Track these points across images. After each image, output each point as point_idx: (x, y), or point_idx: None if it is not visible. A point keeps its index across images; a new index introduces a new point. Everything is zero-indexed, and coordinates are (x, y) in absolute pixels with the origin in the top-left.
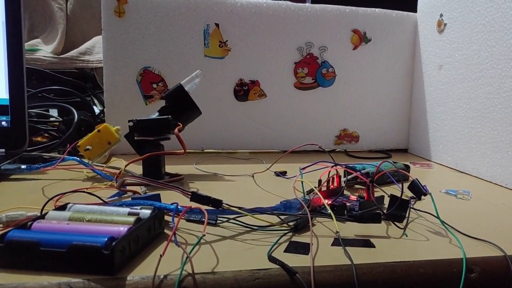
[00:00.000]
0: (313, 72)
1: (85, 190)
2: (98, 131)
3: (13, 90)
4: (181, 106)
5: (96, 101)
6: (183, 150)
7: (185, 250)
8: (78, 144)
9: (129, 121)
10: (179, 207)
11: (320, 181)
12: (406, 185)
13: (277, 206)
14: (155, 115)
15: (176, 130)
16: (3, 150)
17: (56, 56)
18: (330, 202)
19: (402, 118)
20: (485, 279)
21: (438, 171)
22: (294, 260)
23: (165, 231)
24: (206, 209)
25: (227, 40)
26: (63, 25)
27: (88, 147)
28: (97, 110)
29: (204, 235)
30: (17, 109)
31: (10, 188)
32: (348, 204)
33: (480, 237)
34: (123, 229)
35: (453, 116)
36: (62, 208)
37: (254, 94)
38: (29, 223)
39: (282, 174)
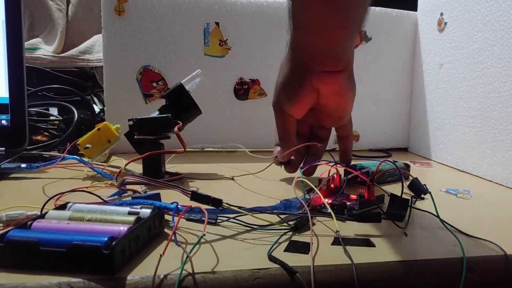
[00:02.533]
0: None
1: (85, 189)
2: (98, 129)
3: (13, 89)
4: (181, 105)
5: (96, 100)
6: (183, 149)
7: (185, 249)
8: (78, 143)
9: (129, 120)
10: (179, 206)
11: (320, 180)
12: (406, 184)
13: (277, 205)
14: (155, 114)
15: (176, 128)
16: (3, 148)
17: (56, 55)
18: (330, 201)
19: (402, 117)
20: (485, 278)
21: (438, 170)
22: (294, 260)
23: (165, 230)
24: (206, 209)
25: (227, 39)
26: (62, 26)
27: (88, 145)
28: (97, 109)
29: (204, 235)
30: (17, 108)
31: (10, 187)
32: (348, 203)
33: (480, 236)
34: (123, 228)
35: (453, 115)
36: (62, 207)
37: (254, 93)
38: (29, 223)
39: None
